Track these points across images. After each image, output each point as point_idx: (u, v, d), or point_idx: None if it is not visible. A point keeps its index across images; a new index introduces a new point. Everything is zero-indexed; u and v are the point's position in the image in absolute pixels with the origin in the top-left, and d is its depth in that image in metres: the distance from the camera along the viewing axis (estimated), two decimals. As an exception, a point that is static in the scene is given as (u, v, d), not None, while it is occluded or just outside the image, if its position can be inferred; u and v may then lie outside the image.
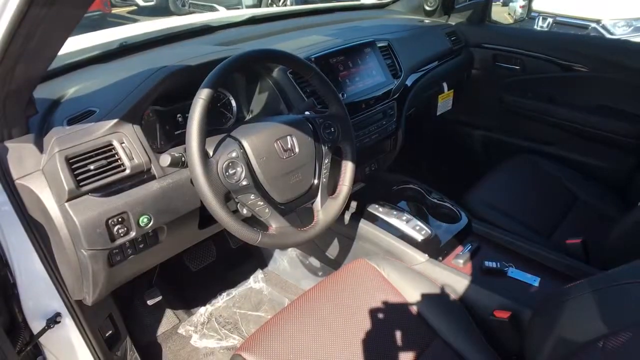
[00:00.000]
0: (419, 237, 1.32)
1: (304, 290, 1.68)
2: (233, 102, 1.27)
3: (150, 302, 1.42)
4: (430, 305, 1.14)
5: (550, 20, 4.14)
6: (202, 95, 0.87)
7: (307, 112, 1.10)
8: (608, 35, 4.04)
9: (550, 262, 1.29)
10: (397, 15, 2.09)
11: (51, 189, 0.89)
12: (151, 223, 0.97)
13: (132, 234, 0.95)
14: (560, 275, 1.25)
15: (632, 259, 1.10)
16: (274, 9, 1.95)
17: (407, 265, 1.27)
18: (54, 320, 1.04)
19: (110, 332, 1.28)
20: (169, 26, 1.56)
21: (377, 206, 1.43)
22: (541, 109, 1.96)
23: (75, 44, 1.34)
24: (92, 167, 0.90)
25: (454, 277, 1.23)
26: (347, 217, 1.43)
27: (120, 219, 0.92)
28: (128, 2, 7.65)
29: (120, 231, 0.93)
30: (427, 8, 2.03)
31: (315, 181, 1.05)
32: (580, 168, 1.82)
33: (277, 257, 1.77)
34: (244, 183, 0.92)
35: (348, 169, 1.12)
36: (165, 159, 0.91)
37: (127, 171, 0.94)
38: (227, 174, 0.91)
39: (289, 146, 0.99)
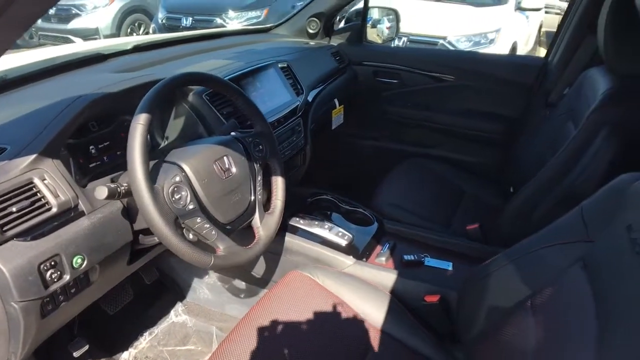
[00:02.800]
0: (343, 242, 1.40)
1: (230, 316, 1.65)
2: None
3: (76, 354, 1.28)
4: (368, 303, 1.22)
5: (404, 39, 4.62)
6: (141, 121, 0.85)
7: (232, 133, 1.12)
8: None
9: (457, 248, 1.47)
10: (282, 38, 2.19)
11: None
12: (85, 263, 0.90)
13: (66, 277, 0.88)
14: (468, 257, 1.42)
15: (522, 235, 1.32)
16: (162, 36, 1.89)
17: (338, 270, 1.34)
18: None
19: None
20: (52, 56, 1.45)
21: (297, 219, 1.48)
22: (420, 117, 2.20)
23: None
24: (14, 209, 0.82)
25: (381, 274, 1.33)
26: (270, 233, 1.46)
27: (52, 263, 0.85)
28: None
29: (53, 276, 0.85)
30: (310, 31, 2.16)
31: (252, 198, 1.07)
32: (461, 165, 2.09)
33: (196, 285, 1.71)
34: (191, 207, 0.91)
35: (279, 183, 1.15)
36: (102, 192, 0.86)
37: (54, 210, 0.87)
38: (173, 199, 0.89)
39: (227, 166, 1.00)
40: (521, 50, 5.52)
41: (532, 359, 0.84)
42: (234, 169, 1.02)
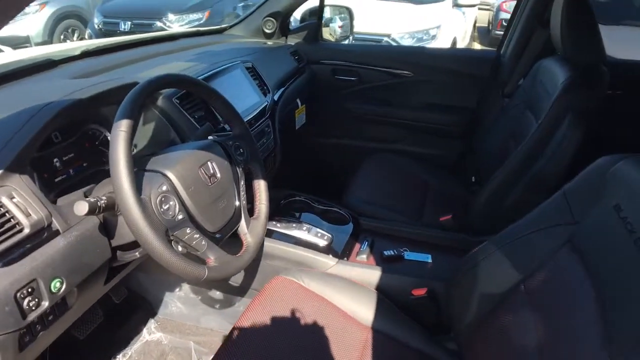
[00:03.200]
0: (323, 243, 1.38)
1: (207, 328, 1.59)
2: (109, 138, 1.15)
3: None
4: (356, 303, 1.21)
5: (350, 37, 4.68)
6: (122, 127, 0.79)
7: (210, 137, 1.07)
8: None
9: (433, 239, 1.49)
10: (239, 39, 2.13)
11: None
12: (64, 286, 0.83)
13: (45, 304, 0.80)
14: (445, 248, 1.45)
15: (496, 222, 1.35)
16: (111, 40, 1.79)
17: (322, 271, 1.32)
18: None
19: None
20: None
21: (274, 222, 1.44)
22: (381, 113, 2.22)
23: None
24: None
25: (365, 271, 1.33)
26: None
27: (29, 289, 0.77)
28: None
29: (31, 304, 0.77)
30: (267, 31, 2.12)
31: (237, 204, 1.03)
32: (423, 158, 2.13)
33: (168, 300, 1.63)
34: (180, 217, 0.85)
35: (262, 187, 1.12)
36: (82, 207, 0.78)
37: (26, 230, 0.79)
38: (162, 210, 0.83)
39: (212, 172, 0.95)
40: (460, 45, 5.74)
41: (533, 341, 0.85)
42: (218, 174, 0.97)
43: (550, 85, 1.42)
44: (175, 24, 5.19)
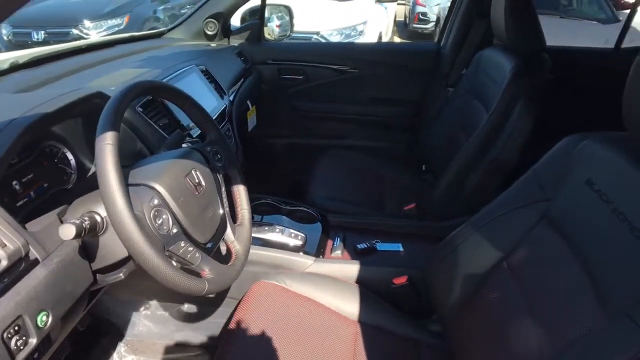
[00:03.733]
0: (298, 243, 1.38)
1: (182, 343, 1.52)
2: (69, 155, 1.07)
3: None
4: (340, 298, 1.22)
5: (290, 36, 4.69)
6: (108, 140, 0.73)
7: (184, 145, 1.03)
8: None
9: (401, 229, 1.54)
10: (180, 42, 2.05)
11: None
12: (50, 320, 0.76)
13: (33, 341, 0.73)
14: (413, 235, 1.50)
15: (458, 207, 1.42)
16: (45, 49, 1.65)
17: (301, 272, 1.32)
18: None
19: None
20: None
21: (245, 228, 1.41)
22: (329, 110, 2.25)
23: None
24: None
25: (342, 266, 1.34)
26: (220, 247, 1.38)
27: (16, 328, 0.70)
28: None
29: (18, 343, 0.70)
30: (208, 32, 2.06)
31: (221, 211, 1.00)
32: (373, 151, 2.18)
33: (135, 320, 1.54)
34: (174, 231, 0.81)
35: (242, 192, 1.09)
36: (68, 231, 0.72)
37: (4, 262, 0.71)
38: (157, 225, 0.78)
39: (197, 180, 0.92)
40: (384, 39, 5.93)
41: (521, 312, 0.90)
42: (203, 183, 0.93)
43: (497, 74, 1.51)
44: (93, 31, 4.89)
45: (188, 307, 1.50)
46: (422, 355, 1.14)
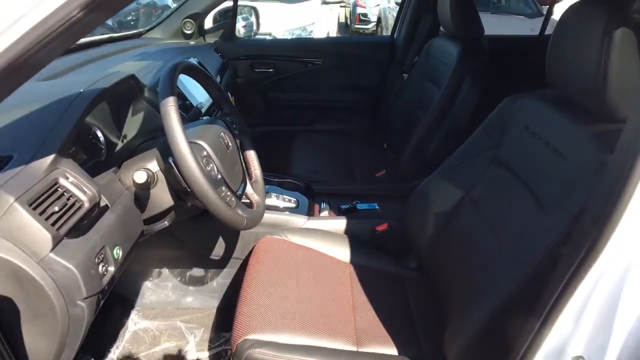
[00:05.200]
0: (292, 205, 1.60)
1: (190, 307, 1.70)
2: (99, 133, 1.24)
3: None
4: (334, 246, 1.45)
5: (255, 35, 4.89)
6: (171, 103, 0.93)
7: (204, 117, 1.23)
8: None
9: (375, 191, 1.80)
10: (159, 41, 2.21)
11: (19, 247, 0.78)
12: (121, 253, 0.95)
13: (112, 269, 0.91)
14: (386, 196, 1.76)
15: (421, 169, 1.69)
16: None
17: (299, 227, 1.54)
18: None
19: None
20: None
21: (244, 196, 1.62)
22: (299, 98, 2.49)
23: None
24: (56, 208, 0.82)
25: (332, 222, 1.58)
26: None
27: (101, 257, 0.88)
28: None
29: (103, 269, 0.89)
30: (186, 32, 2.24)
31: (242, 169, 1.21)
32: (342, 134, 2.44)
33: (143, 290, 1.70)
34: (219, 177, 1.02)
35: (253, 156, 1.31)
36: (141, 176, 0.92)
37: (86, 205, 0.88)
38: (208, 170, 0.99)
39: (226, 141, 1.12)
40: (332, 39, 6.23)
41: (484, 230, 1.16)
42: (230, 144, 1.14)
43: (446, 57, 1.81)
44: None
45: (195, 271, 1.68)
46: (405, 286, 1.39)
